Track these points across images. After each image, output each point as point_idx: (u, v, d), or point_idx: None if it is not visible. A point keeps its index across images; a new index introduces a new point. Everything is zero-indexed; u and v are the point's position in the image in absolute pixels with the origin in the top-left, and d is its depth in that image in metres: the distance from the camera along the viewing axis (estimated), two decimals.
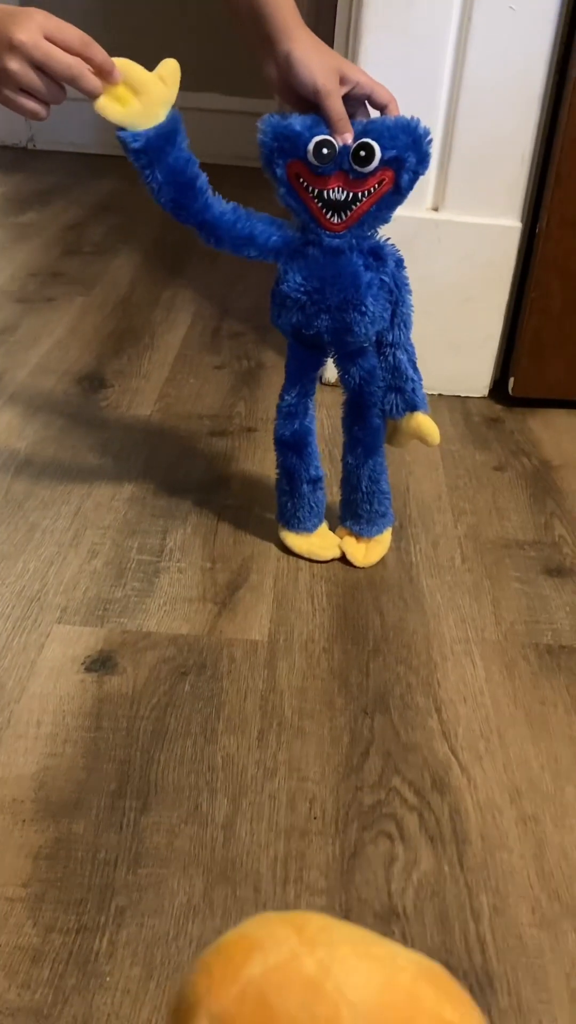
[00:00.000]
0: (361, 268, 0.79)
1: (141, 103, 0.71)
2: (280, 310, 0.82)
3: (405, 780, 0.71)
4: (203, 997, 0.20)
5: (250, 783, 0.70)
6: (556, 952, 0.60)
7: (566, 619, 0.90)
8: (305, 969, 0.19)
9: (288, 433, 0.90)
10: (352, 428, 0.90)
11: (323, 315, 0.80)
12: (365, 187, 0.76)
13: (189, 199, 0.76)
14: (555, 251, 1.19)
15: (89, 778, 0.69)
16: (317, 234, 0.78)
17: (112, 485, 1.05)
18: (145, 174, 0.74)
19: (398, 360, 0.85)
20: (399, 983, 0.20)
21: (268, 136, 0.75)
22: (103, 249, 1.80)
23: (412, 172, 0.77)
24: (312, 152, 0.74)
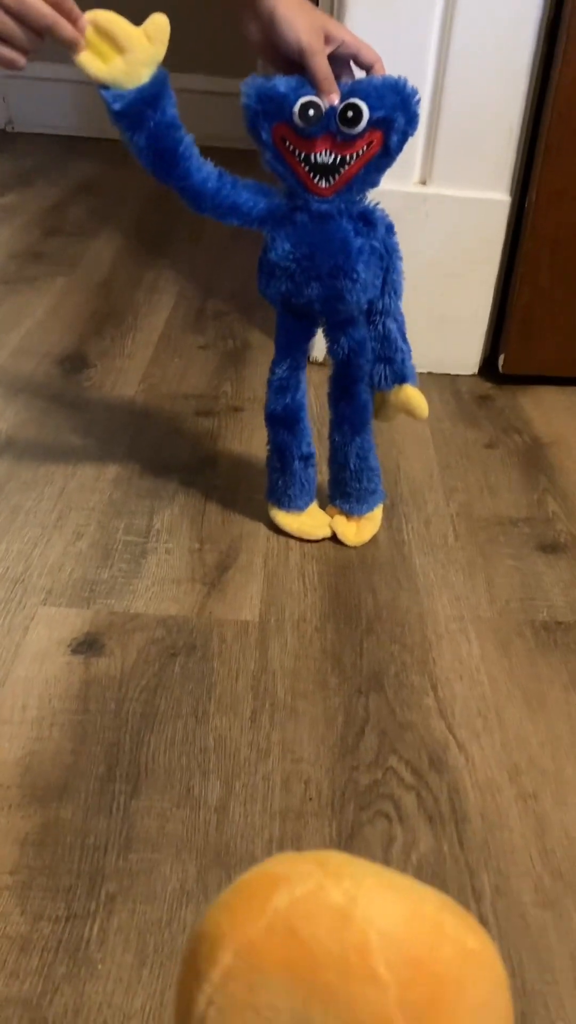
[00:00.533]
0: (351, 233, 0.77)
1: (124, 61, 0.68)
2: (268, 279, 0.80)
3: (402, 759, 0.70)
4: (227, 932, 0.20)
5: (243, 765, 0.68)
6: (560, 931, 0.59)
7: (561, 595, 0.88)
8: (332, 899, 0.19)
9: (280, 408, 0.87)
10: (339, 405, 0.88)
11: (313, 283, 0.78)
12: (353, 149, 0.74)
13: (170, 165, 0.73)
14: (544, 225, 1.17)
15: (77, 762, 0.67)
16: (305, 199, 0.76)
17: (96, 466, 1.03)
18: (127, 136, 0.71)
19: (387, 329, 0.83)
20: (424, 913, 0.20)
21: (252, 99, 0.72)
22: (84, 230, 1.77)
23: (401, 133, 0.74)
24: (298, 114, 0.72)
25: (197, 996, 0.21)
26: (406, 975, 0.19)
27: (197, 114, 2.14)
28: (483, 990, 0.20)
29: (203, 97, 2.30)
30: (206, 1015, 0.20)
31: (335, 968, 0.18)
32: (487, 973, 0.20)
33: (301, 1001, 0.19)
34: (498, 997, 0.20)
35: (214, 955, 0.20)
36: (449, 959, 0.19)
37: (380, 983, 0.18)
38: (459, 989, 0.19)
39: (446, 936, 0.20)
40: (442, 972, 0.19)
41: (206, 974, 0.20)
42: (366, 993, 0.18)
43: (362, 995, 0.18)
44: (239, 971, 0.20)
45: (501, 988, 0.20)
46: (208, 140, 2.15)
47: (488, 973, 0.20)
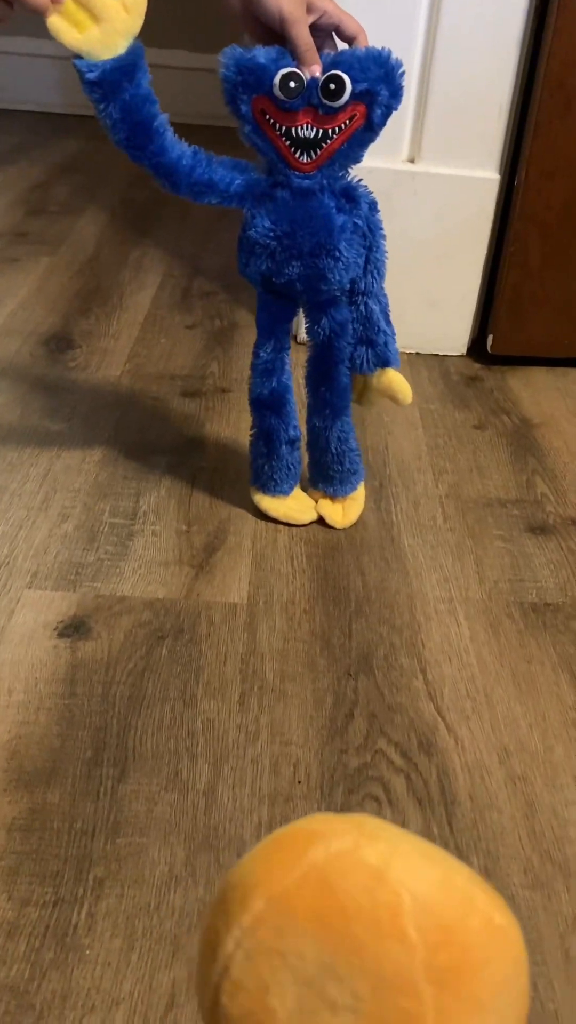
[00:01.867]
0: (333, 210, 0.75)
1: (100, 30, 0.66)
2: (248, 258, 0.78)
3: (391, 742, 0.69)
4: (261, 881, 0.20)
5: (231, 748, 0.68)
6: (549, 912, 0.59)
7: (550, 577, 0.88)
8: (368, 858, 0.20)
9: (266, 392, 0.86)
10: (318, 389, 0.86)
11: (294, 261, 0.76)
12: (335, 123, 0.72)
13: (144, 140, 0.71)
14: (534, 204, 1.16)
15: (64, 746, 0.67)
16: (286, 175, 0.74)
17: (82, 447, 1.02)
18: (99, 108, 0.69)
19: (370, 310, 0.81)
20: (455, 883, 0.20)
21: (231, 70, 0.70)
22: (68, 209, 1.75)
23: (385, 107, 0.72)
24: (278, 85, 0.69)
25: (225, 940, 0.21)
26: (434, 939, 0.19)
27: (179, 91, 2.12)
28: (506, 966, 0.20)
29: (185, 73, 2.28)
30: (233, 958, 0.21)
31: (365, 924, 0.19)
32: (511, 950, 0.20)
33: (329, 952, 0.19)
34: (519, 976, 0.21)
35: (246, 901, 0.20)
36: (477, 930, 0.20)
37: (408, 943, 0.19)
38: (483, 961, 0.20)
39: (476, 908, 0.20)
40: (469, 942, 0.19)
41: (237, 919, 0.21)
42: (393, 951, 0.19)
43: (389, 953, 0.19)
44: (270, 918, 0.20)
45: (522, 967, 0.21)
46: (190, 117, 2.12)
47: (512, 950, 0.20)
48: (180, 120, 0.72)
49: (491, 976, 0.20)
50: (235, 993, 0.21)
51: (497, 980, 0.20)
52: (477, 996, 0.19)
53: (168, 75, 2.28)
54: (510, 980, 0.20)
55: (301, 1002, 0.20)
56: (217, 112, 0.74)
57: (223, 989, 0.21)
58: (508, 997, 0.20)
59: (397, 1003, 0.19)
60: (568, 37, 1.06)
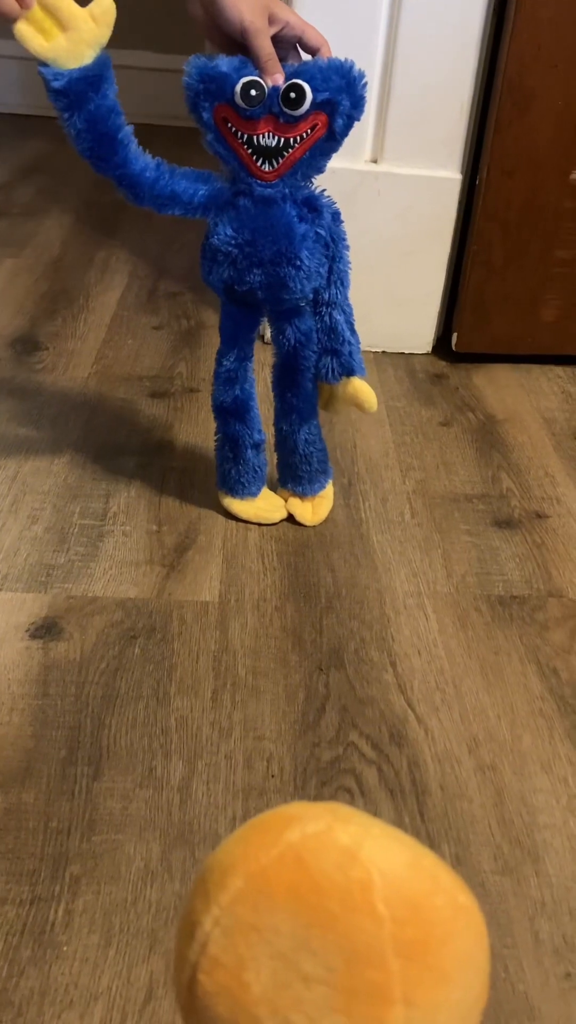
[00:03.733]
0: (295, 219, 0.75)
1: (67, 40, 0.67)
2: (211, 265, 0.78)
3: (363, 734, 0.70)
4: (240, 861, 0.21)
5: (205, 744, 0.68)
6: (519, 897, 0.60)
7: (516, 570, 0.90)
8: (341, 839, 0.21)
9: (229, 400, 0.86)
10: (285, 395, 0.87)
11: (256, 269, 0.76)
12: (297, 132, 0.73)
13: (108, 151, 0.71)
14: (495, 202, 1.18)
15: (38, 746, 0.67)
16: (248, 183, 0.74)
17: (50, 449, 1.02)
18: (64, 117, 0.69)
19: (334, 321, 0.81)
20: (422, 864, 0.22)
21: (193, 78, 0.71)
22: (33, 210, 1.74)
23: (346, 116, 0.73)
24: (240, 94, 0.70)
25: (204, 919, 0.22)
26: (401, 915, 0.20)
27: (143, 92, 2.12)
28: (469, 942, 0.21)
29: (149, 74, 2.28)
30: (211, 936, 0.22)
31: (338, 899, 0.20)
32: (473, 927, 0.22)
33: (303, 927, 0.20)
34: (481, 952, 0.22)
35: (225, 881, 0.21)
36: (442, 907, 0.21)
37: (377, 918, 0.20)
38: (448, 935, 0.21)
39: (441, 887, 0.22)
40: (434, 918, 0.21)
41: (215, 898, 0.22)
42: (363, 925, 0.20)
43: (359, 927, 0.20)
44: (248, 895, 0.21)
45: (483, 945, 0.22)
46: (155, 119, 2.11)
47: (474, 928, 0.22)
48: (145, 121, 0.72)
49: (455, 950, 0.21)
50: (212, 970, 0.22)
51: (460, 954, 0.21)
52: (442, 968, 0.21)
53: (132, 76, 2.28)
54: (473, 955, 0.21)
55: (276, 976, 0.21)
56: (182, 113, 0.74)
57: (200, 967, 0.22)
58: (471, 971, 0.21)
59: (366, 974, 0.20)
60: (525, 39, 1.08)
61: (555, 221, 1.20)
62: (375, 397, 0.83)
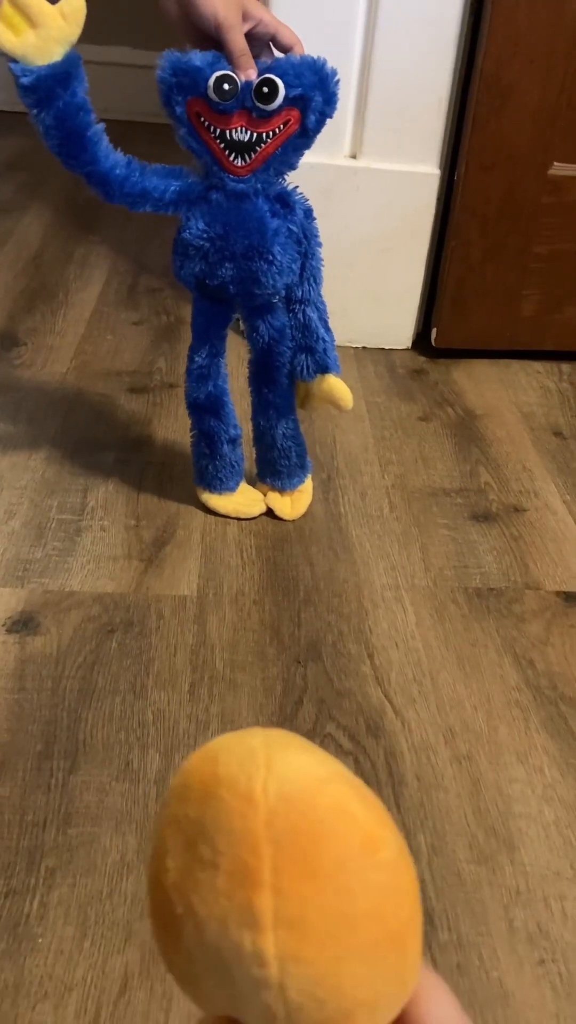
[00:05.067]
0: (267, 214, 0.75)
1: (37, 36, 0.67)
2: (183, 260, 0.78)
3: (340, 726, 0.71)
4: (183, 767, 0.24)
5: (182, 737, 0.68)
6: (493, 886, 0.60)
7: (494, 563, 0.90)
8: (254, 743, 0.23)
9: (203, 396, 0.86)
10: (261, 390, 0.87)
11: (227, 263, 0.76)
12: (270, 127, 0.72)
13: (77, 148, 0.71)
14: (474, 198, 1.18)
15: (14, 740, 0.67)
16: (220, 178, 0.74)
17: (28, 444, 1.01)
18: (33, 113, 0.69)
19: (308, 318, 0.81)
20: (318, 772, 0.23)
21: (167, 72, 0.70)
22: (11, 207, 1.73)
23: (319, 113, 0.73)
24: (213, 88, 0.70)
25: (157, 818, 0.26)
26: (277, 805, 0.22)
27: (123, 88, 2.11)
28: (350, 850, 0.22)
29: (129, 70, 2.27)
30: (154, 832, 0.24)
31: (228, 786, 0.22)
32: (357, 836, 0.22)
33: (202, 813, 0.22)
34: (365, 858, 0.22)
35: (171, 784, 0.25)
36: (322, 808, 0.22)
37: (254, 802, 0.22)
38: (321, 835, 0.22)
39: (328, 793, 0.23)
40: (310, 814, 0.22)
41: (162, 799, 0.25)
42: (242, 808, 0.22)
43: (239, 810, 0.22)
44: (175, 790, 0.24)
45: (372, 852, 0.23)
46: (134, 115, 2.11)
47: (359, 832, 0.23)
48: (121, 117, 0.73)
49: (330, 851, 0.22)
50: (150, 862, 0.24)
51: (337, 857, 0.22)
52: (311, 863, 0.22)
53: (109, 72, 2.27)
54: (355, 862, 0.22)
55: (183, 861, 0.23)
56: (154, 110, 0.74)
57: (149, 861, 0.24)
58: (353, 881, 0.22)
59: (241, 856, 0.22)
60: (503, 35, 1.09)
61: (533, 216, 1.20)
62: (350, 394, 0.83)
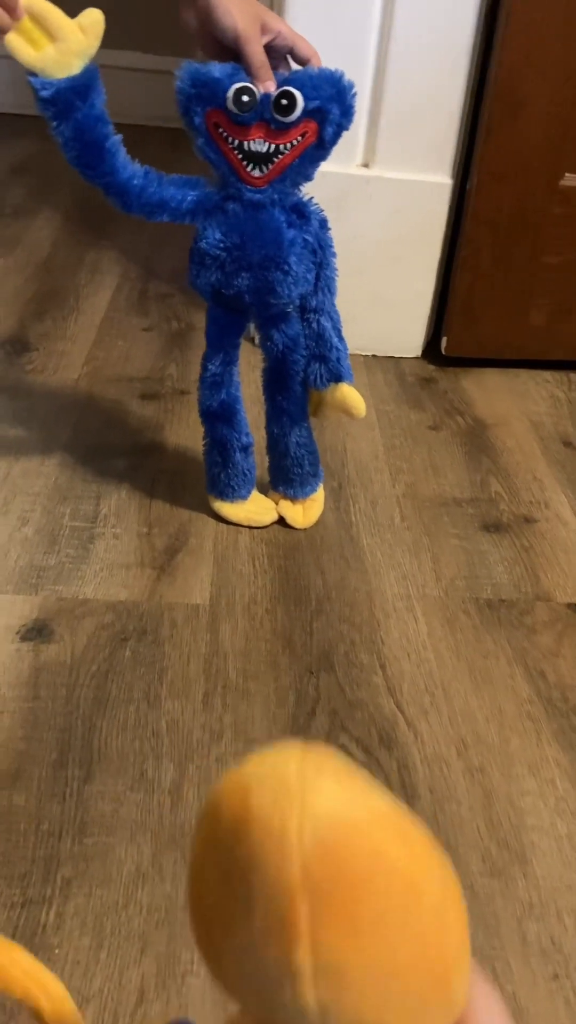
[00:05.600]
0: (284, 224, 0.76)
1: (56, 50, 0.67)
2: (199, 269, 0.78)
3: (352, 737, 0.71)
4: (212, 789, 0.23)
5: (196, 747, 0.69)
6: (507, 899, 0.60)
7: (505, 574, 0.90)
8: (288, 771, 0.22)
9: (216, 404, 0.86)
10: (275, 398, 0.87)
11: (243, 273, 0.76)
12: (287, 139, 0.73)
13: (96, 159, 0.72)
14: (485, 207, 1.19)
15: (29, 748, 0.67)
16: (237, 188, 0.75)
17: (40, 451, 1.02)
18: (52, 125, 0.70)
19: (322, 327, 0.82)
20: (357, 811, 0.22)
21: (186, 83, 0.71)
22: (22, 211, 1.74)
23: (336, 125, 0.74)
24: (232, 99, 0.71)
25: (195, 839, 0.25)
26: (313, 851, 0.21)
27: (134, 93, 2.11)
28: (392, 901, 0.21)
29: (140, 75, 2.27)
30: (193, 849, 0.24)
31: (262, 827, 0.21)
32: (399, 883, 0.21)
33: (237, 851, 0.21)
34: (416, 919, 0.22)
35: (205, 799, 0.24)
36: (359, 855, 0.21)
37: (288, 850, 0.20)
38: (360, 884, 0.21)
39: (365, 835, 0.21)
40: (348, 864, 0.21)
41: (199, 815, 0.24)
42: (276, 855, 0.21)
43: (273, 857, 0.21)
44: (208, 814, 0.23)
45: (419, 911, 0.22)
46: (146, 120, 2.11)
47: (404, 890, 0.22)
48: (134, 122, 0.73)
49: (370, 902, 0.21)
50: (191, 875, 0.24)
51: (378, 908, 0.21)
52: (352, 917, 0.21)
53: (121, 76, 2.28)
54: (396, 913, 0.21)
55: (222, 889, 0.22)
56: (172, 114, 0.75)
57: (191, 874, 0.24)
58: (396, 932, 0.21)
59: (278, 905, 0.21)
60: (516, 46, 1.09)
61: (544, 226, 1.21)
62: (363, 403, 0.83)
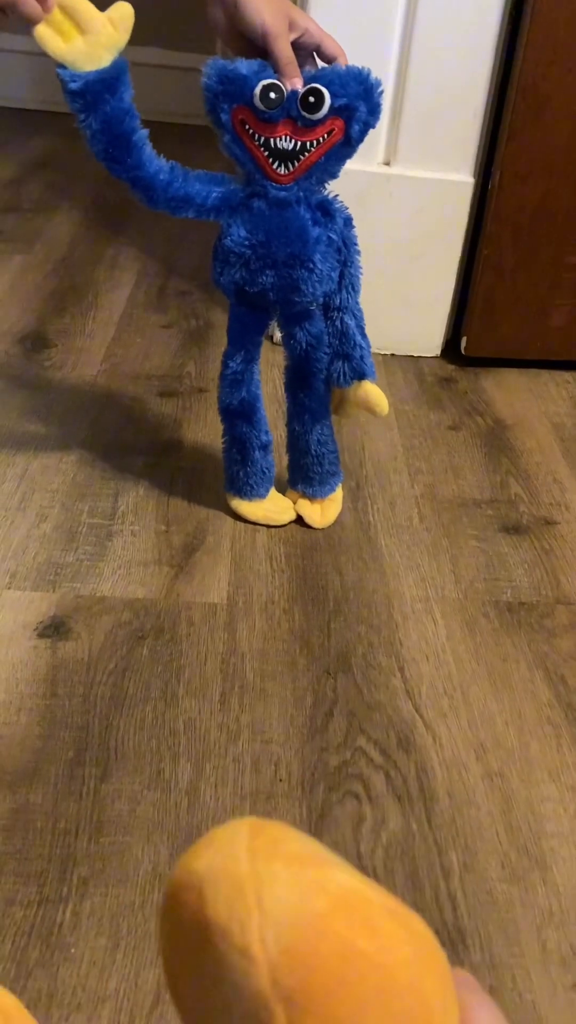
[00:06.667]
0: (309, 222, 0.75)
1: (85, 42, 0.67)
2: (223, 267, 0.78)
3: (370, 739, 0.70)
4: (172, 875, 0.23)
5: (213, 747, 0.68)
6: (526, 906, 0.60)
7: (524, 576, 0.89)
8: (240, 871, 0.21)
9: (236, 402, 0.86)
10: (297, 394, 0.87)
11: (268, 271, 0.76)
12: (314, 136, 0.72)
13: (123, 153, 0.72)
14: (507, 207, 1.18)
15: (46, 746, 0.67)
16: (263, 185, 0.74)
17: (59, 447, 1.02)
18: (80, 118, 0.70)
19: (346, 325, 0.81)
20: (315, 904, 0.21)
21: (213, 79, 0.71)
22: (42, 207, 1.74)
23: (363, 123, 0.73)
24: (259, 96, 0.70)
25: None
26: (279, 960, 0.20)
27: (155, 88, 2.11)
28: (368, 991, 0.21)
29: (160, 71, 2.27)
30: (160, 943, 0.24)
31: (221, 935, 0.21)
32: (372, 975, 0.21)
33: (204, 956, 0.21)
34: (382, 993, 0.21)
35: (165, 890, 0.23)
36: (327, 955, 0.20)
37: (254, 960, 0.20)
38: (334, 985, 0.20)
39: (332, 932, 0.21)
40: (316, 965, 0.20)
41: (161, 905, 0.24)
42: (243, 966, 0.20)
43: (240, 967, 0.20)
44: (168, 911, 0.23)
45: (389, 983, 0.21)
46: (166, 116, 2.11)
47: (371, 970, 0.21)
48: (154, 118, 0.72)
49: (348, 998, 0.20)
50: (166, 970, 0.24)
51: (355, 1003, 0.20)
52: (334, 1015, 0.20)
53: (141, 72, 2.27)
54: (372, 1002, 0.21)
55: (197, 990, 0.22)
56: (191, 110, 0.74)
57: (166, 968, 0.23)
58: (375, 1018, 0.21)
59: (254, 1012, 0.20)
60: (540, 44, 1.08)
61: (567, 226, 1.19)
62: (386, 401, 0.83)
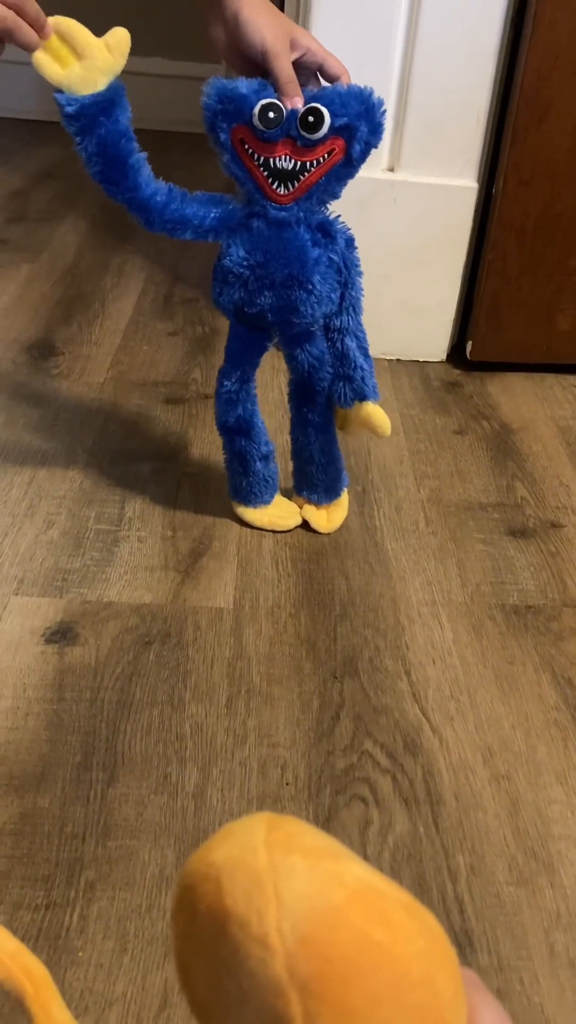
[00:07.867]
0: (308, 243, 0.75)
1: (82, 67, 0.68)
2: (222, 287, 0.78)
3: (377, 743, 0.70)
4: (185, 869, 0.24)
5: (220, 751, 0.68)
6: (533, 909, 0.60)
7: (531, 580, 0.89)
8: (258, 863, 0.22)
9: (232, 420, 0.86)
10: (301, 409, 0.87)
11: (266, 292, 0.76)
12: (314, 156, 0.72)
13: (119, 175, 0.72)
14: (511, 212, 1.18)
15: (53, 751, 0.67)
16: (262, 205, 0.74)
17: (66, 454, 1.02)
18: (77, 141, 0.70)
19: (346, 347, 0.81)
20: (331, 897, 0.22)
21: (212, 98, 0.71)
22: (49, 216, 1.75)
23: (364, 143, 0.73)
24: (258, 116, 0.70)
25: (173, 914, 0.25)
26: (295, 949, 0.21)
27: (160, 98, 2.12)
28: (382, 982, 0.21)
29: (166, 81, 2.28)
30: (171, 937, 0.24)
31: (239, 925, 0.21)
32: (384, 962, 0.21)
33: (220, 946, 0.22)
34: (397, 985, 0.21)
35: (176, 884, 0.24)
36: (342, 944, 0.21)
37: (270, 948, 0.21)
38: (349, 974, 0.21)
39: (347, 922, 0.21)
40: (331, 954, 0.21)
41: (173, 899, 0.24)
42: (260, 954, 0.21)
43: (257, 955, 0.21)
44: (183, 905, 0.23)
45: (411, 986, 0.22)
46: (171, 125, 2.11)
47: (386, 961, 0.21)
48: (159, 128, 0.73)
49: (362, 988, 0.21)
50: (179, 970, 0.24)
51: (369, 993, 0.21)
52: (346, 1006, 0.21)
53: (146, 83, 2.29)
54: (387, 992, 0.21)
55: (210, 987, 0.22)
56: (196, 119, 0.75)
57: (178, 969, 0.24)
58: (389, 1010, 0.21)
59: (269, 1001, 0.21)
60: (543, 50, 1.08)
61: (571, 230, 1.20)
62: (388, 421, 0.83)
